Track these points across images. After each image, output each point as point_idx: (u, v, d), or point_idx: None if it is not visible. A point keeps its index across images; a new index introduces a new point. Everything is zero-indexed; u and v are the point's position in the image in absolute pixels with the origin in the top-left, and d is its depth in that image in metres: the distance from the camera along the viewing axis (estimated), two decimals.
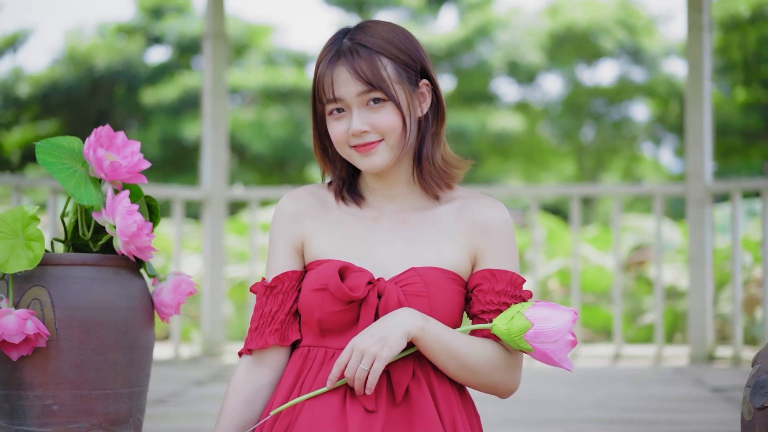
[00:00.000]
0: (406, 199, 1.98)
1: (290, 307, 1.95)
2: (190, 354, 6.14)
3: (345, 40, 1.91)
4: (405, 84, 1.91)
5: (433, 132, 1.97)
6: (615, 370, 5.48)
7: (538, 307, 1.85)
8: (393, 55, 1.90)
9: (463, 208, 1.96)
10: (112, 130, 2.32)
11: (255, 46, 23.13)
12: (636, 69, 22.05)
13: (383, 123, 1.89)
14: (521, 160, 23.76)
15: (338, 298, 1.87)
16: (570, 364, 1.86)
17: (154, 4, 23.40)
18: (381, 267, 1.92)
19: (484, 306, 1.91)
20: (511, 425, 3.59)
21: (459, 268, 1.93)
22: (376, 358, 1.79)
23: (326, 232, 1.97)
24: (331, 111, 1.92)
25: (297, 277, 1.97)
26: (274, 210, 2.04)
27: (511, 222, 1.97)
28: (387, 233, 1.95)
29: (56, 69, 22.66)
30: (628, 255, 8.26)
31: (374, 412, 1.81)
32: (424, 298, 1.87)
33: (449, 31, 22.91)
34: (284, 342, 1.94)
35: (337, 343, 1.89)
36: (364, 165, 1.92)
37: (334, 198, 2.01)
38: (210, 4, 6.20)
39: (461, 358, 1.86)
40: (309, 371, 1.90)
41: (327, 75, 1.90)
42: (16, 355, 2.14)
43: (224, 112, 6.20)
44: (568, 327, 1.83)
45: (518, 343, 1.84)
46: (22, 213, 2.23)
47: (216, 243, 6.08)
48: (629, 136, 23.06)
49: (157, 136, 21.72)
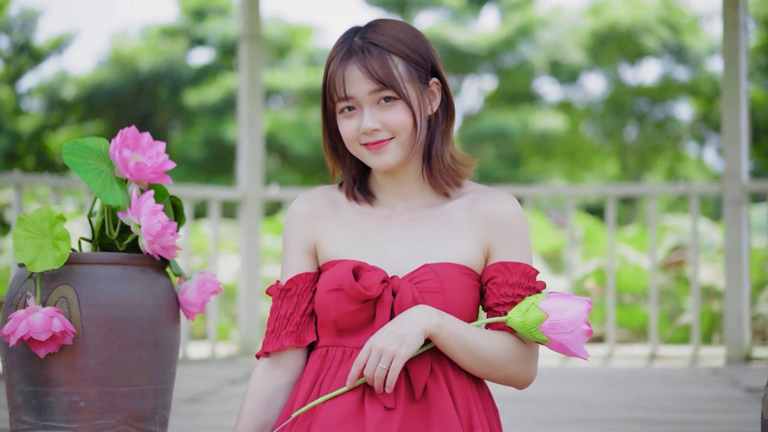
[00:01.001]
0: (416, 197, 1.99)
1: (305, 308, 1.97)
2: (226, 353, 6.19)
3: (356, 38, 1.93)
4: (416, 82, 1.92)
5: (443, 130, 1.98)
6: (650, 371, 5.45)
7: (553, 298, 1.86)
8: (404, 54, 1.92)
9: (473, 202, 1.97)
10: (137, 131, 2.35)
11: (296, 47, 23.23)
12: (679, 68, 21.88)
13: (394, 121, 1.91)
14: (563, 160, 23.65)
15: (353, 298, 1.88)
16: (586, 353, 1.86)
17: (197, 6, 23.57)
18: (394, 265, 1.93)
19: (498, 299, 1.92)
20: (542, 425, 3.59)
21: (472, 263, 1.94)
22: (395, 356, 1.80)
23: (339, 232, 1.98)
24: (342, 109, 1.94)
25: (311, 279, 1.98)
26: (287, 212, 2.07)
27: (523, 214, 1.98)
28: (399, 231, 1.96)
29: (101, 71, 22.88)
30: (666, 255, 8.21)
31: (393, 410, 1.83)
32: (439, 294, 1.88)
33: (491, 30, 22.86)
34: (300, 344, 1.96)
35: (355, 342, 1.91)
36: (374, 163, 1.94)
37: (346, 197, 2.02)
38: (245, 6, 6.25)
39: (478, 353, 1.87)
40: (328, 371, 1.91)
41: (338, 73, 1.92)
42: (44, 352, 2.18)
43: (260, 113, 6.24)
44: (583, 317, 1.84)
45: (534, 334, 1.85)
46: (49, 213, 2.26)
47: (252, 243, 6.13)
48: (673, 136, 22.88)
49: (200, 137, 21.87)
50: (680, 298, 7.87)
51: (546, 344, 1.86)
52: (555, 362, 5.76)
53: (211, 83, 22.00)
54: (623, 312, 7.49)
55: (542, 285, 1.95)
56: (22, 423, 2.27)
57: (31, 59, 23.50)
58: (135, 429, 2.29)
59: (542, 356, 5.91)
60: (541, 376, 5.09)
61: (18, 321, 2.16)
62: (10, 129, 21.89)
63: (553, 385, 4.77)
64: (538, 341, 1.86)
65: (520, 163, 23.50)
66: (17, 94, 23.42)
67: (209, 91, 21.77)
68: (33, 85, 24.05)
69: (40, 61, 23.62)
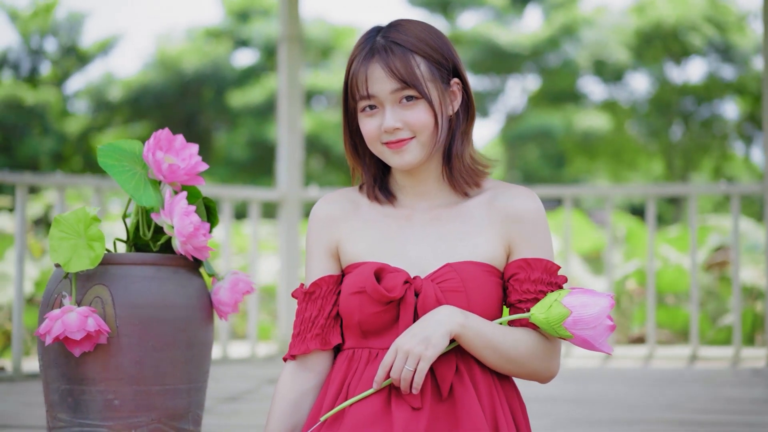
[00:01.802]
0: (436, 196, 2.00)
1: (330, 311, 1.98)
2: (267, 352, 6.22)
3: (378, 38, 1.94)
4: (437, 82, 1.93)
5: (463, 130, 1.99)
6: (691, 372, 5.41)
7: (576, 294, 1.86)
8: (426, 54, 1.92)
9: (493, 199, 1.97)
10: (171, 133, 2.38)
11: (340, 47, 23.28)
12: (726, 66, 21.67)
13: (416, 120, 1.91)
14: (608, 160, 23.51)
15: (376, 300, 1.89)
16: (610, 347, 1.86)
17: (241, 8, 23.70)
18: (416, 265, 1.94)
19: (521, 295, 1.92)
20: (579, 425, 3.58)
21: (494, 260, 1.94)
22: (421, 358, 1.81)
23: (360, 233, 1.99)
24: (363, 108, 1.94)
25: (334, 281, 2.00)
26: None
27: (542, 209, 1.97)
28: (420, 231, 1.97)
29: (147, 73, 23.08)
30: (710, 255, 8.14)
31: (420, 410, 1.84)
32: (461, 294, 1.89)
33: (534, 30, 22.78)
34: (326, 346, 1.97)
35: (380, 343, 1.92)
36: (395, 162, 1.95)
37: (366, 199, 2.03)
38: (285, 7, 6.29)
39: (502, 351, 1.88)
40: (355, 373, 1.92)
41: (361, 72, 1.93)
42: (79, 351, 2.21)
43: (299, 114, 6.27)
44: (606, 312, 1.83)
45: (558, 330, 1.85)
46: (84, 214, 2.30)
47: (291, 243, 6.16)
48: (719, 135, 22.68)
49: (244, 138, 21.98)
50: (724, 299, 7.80)
51: (570, 340, 1.86)
52: (594, 363, 5.74)
53: (254, 84, 22.13)
54: (665, 313, 7.43)
55: (564, 279, 1.94)
56: (59, 420, 2.30)
57: (78, 61, 23.76)
58: (169, 427, 2.31)
59: (581, 357, 5.89)
60: (579, 377, 5.07)
61: (53, 320, 2.20)
62: (57, 130, 22.15)
63: (591, 385, 4.75)
64: (562, 337, 1.87)
65: (565, 163, 23.40)
66: (64, 96, 23.70)
67: (253, 92, 21.89)
68: (80, 87, 24.34)
69: (87, 63, 23.88)
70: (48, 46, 23.60)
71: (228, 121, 22.88)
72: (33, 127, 21.85)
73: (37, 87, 22.73)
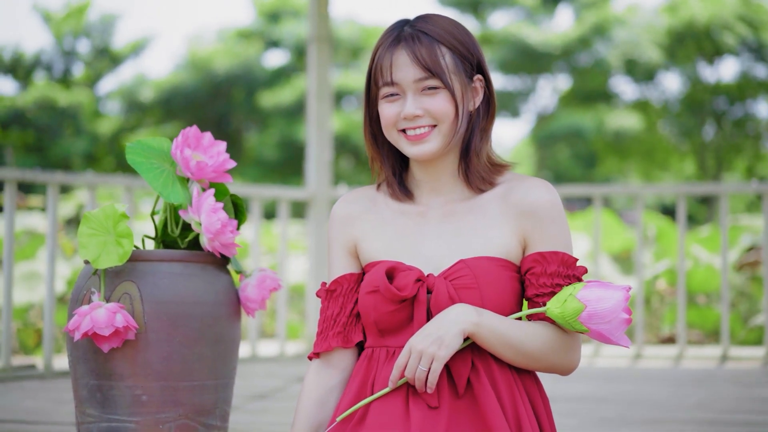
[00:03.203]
0: (451, 192, 1.99)
1: (351, 309, 1.99)
2: (295, 351, 6.24)
3: (406, 27, 1.94)
4: (461, 75, 1.93)
5: (483, 127, 1.98)
6: (721, 372, 5.38)
7: (591, 287, 1.84)
8: (452, 46, 1.92)
9: (507, 192, 1.96)
10: (199, 130, 2.39)
11: (370, 48, 23.27)
12: (759, 65, 21.50)
13: (437, 108, 1.91)
14: (640, 159, 23.40)
15: (388, 299, 1.89)
16: (627, 341, 1.84)
17: (272, 9, 23.77)
18: (431, 262, 1.93)
19: (537, 289, 1.90)
20: (608, 425, 3.57)
21: (509, 254, 1.92)
22: (434, 358, 1.81)
23: (377, 232, 2.00)
24: (385, 94, 1.95)
25: (355, 279, 2.00)
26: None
27: (558, 200, 1.95)
28: (435, 227, 1.96)
29: (178, 74, 23.20)
30: (741, 255, 8.07)
31: (437, 408, 1.84)
32: (474, 290, 1.88)
33: (565, 29, 22.70)
34: (347, 344, 1.98)
35: (397, 341, 1.92)
36: (412, 151, 1.94)
37: (384, 196, 2.03)
38: (314, 8, 6.30)
39: (518, 346, 1.87)
40: (375, 372, 1.93)
41: (386, 58, 1.93)
42: (107, 347, 2.23)
43: (328, 114, 6.29)
44: (622, 305, 1.81)
45: (573, 325, 1.84)
46: (113, 211, 2.32)
47: (320, 242, 6.17)
48: (752, 134, 22.50)
49: (275, 138, 22.04)
50: (756, 299, 7.74)
51: (586, 333, 1.85)
52: (624, 363, 5.72)
53: (285, 85, 22.19)
54: (696, 313, 7.38)
55: (583, 270, 1.92)
56: (87, 416, 2.32)
57: (110, 62, 23.93)
58: (196, 423, 2.33)
59: (610, 357, 5.86)
60: (608, 377, 5.05)
61: (82, 316, 2.22)
62: (89, 131, 22.31)
63: (621, 385, 4.73)
64: (578, 331, 1.85)
65: (596, 162, 23.31)
66: (96, 97, 23.87)
67: (284, 92, 21.96)
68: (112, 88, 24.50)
69: (119, 65, 24.04)
70: (81, 48, 23.78)
71: (258, 121, 22.96)
72: (65, 127, 22.03)
73: (69, 88, 22.91)
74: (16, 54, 23.07)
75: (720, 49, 21.31)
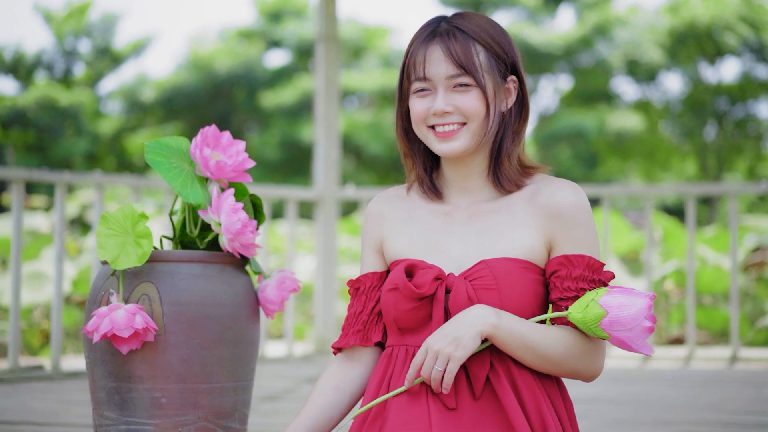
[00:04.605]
0: (480, 192, 1.97)
1: (372, 307, 1.99)
2: (303, 352, 6.22)
3: (443, 23, 1.93)
4: (494, 75, 1.91)
5: (515, 129, 1.96)
6: (731, 373, 5.36)
7: (613, 293, 1.81)
8: (487, 44, 1.91)
9: (535, 193, 1.94)
10: (218, 129, 2.37)
11: (371, 48, 23.29)
12: (761, 66, 21.47)
13: (468, 106, 1.89)
14: (641, 160, 23.37)
15: (407, 296, 1.88)
16: (649, 348, 1.82)
17: (274, 9, 23.75)
18: (455, 262, 1.92)
19: (561, 293, 1.88)
20: (621, 426, 3.55)
21: (534, 256, 1.90)
22: (450, 359, 1.79)
23: (403, 230, 1.98)
24: (416, 89, 1.93)
25: (378, 278, 2.00)
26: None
27: (586, 204, 1.93)
28: (461, 227, 1.95)
29: (179, 74, 23.17)
30: (747, 256, 8.06)
31: (455, 410, 1.82)
32: (494, 291, 1.86)
33: (567, 29, 22.68)
34: (366, 342, 1.98)
35: (416, 340, 1.90)
36: (440, 148, 1.92)
37: (412, 196, 2.02)
38: (322, 7, 6.28)
39: (538, 350, 1.84)
40: (393, 371, 1.92)
41: (420, 52, 1.91)
42: (126, 348, 2.21)
43: (336, 113, 6.27)
44: (644, 313, 1.78)
45: (594, 331, 1.81)
46: (131, 211, 2.29)
47: (328, 242, 6.15)
48: (753, 135, 22.48)
49: (276, 138, 22.01)
50: (761, 300, 7.73)
51: (607, 340, 1.82)
52: (634, 364, 5.70)
53: (287, 85, 22.17)
54: (703, 314, 7.37)
55: (610, 276, 1.89)
56: (105, 418, 2.30)
57: (111, 62, 23.90)
58: (215, 426, 2.31)
59: (621, 358, 5.84)
60: (618, 378, 5.03)
61: (101, 318, 2.19)
62: (90, 131, 22.28)
63: (631, 386, 4.72)
64: (599, 337, 1.83)
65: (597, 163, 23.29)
66: (97, 97, 23.85)
67: (285, 92, 21.93)
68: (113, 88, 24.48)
69: (120, 64, 24.02)
70: (82, 47, 23.75)
71: (260, 121, 22.93)
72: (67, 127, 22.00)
73: (70, 88, 22.88)
74: (17, 54, 23.04)
75: (721, 49, 21.28)
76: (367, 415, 1.90)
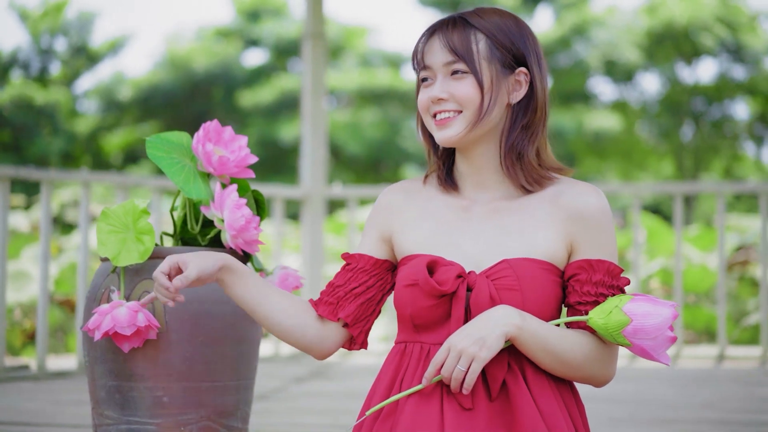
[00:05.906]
0: (497, 189, 1.93)
1: (353, 288, 1.96)
2: (289, 351, 6.18)
3: (454, 15, 1.93)
4: (495, 63, 1.88)
5: (525, 124, 1.92)
6: (721, 371, 5.36)
7: (638, 301, 1.78)
8: (490, 33, 1.89)
9: (557, 195, 1.90)
10: (220, 125, 2.34)
11: (350, 47, 23.25)
12: (737, 66, 21.60)
13: (462, 93, 1.87)
14: (618, 160, 23.45)
15: (428, 293, 1.84)
16: (668, 358, 1.80)
17: (252, 8, 23.67)
18: (472, 258, 1.88)
19: (580, 297, 1.85)
20: (619, 425, 3.54)
21: (554, 258, 1.87)
22: (474, 359, 1.76)
23: (416, 224, 1.95)
24: (422, 79, 1.94)
25: (372, 264, 1.97)
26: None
27: (609, 209, 1.91)
28: (478, 224, 1.91)
29: (157, 73, 23.06)
30: (730, 255, 8.08)
31: (471, 410, 1.79)
32: (516, 292, 1.83)
33: (545, 30, 22.72)
34: (331, 317, 1.95)
35: (432, 338, 1.87)
36: (437, 136, 1.92)
37: (429, 188, 1.99)
38: (309, 4, 6.25)
39: (558, 354, 1.82)
40: (407, 368, 1.88)
41: (422, 42, 1.93)
42: (128, 346, 2.16)
43: (323, 112, 6.23)
44: (668, 323, 1.77)
45: (616, 337, 1.79)
46: (133, 207, 2.25)
47: (315, 241, 6.12)
48: (730, 135, 22.61)
49: (254, 137, 21.93)
50: (743, 299, 7.75)
51: (628, 347, 1.80)
52: (622, 362, 5.69)
53: (265, 84, 22.10)
54: (687, 312, 7.38)
55: (626, 282, 1.88)
56: (105, 418, 2.25)
57: (88, 61, 23.75)
58: (218, 425, 2.27)
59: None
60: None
61: (103, 315, 2.14)
62: (66, 130, 22.13)
63: (623, 384, 4.70)
64: (619, 344, 1.81)
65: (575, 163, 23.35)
66: (74, 96, 23.69)
67: (263, 91, 21.86)
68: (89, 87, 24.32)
69: (97, 63, 23.87)
70: (58, 46, 23.59)
71: (238, 121, 22.84)
72: (42, 126, 21.84)
73: (46, 86, 22.72)
74: None
75: (698, 50, 21.38)
76: (379, 412, 1.86)
